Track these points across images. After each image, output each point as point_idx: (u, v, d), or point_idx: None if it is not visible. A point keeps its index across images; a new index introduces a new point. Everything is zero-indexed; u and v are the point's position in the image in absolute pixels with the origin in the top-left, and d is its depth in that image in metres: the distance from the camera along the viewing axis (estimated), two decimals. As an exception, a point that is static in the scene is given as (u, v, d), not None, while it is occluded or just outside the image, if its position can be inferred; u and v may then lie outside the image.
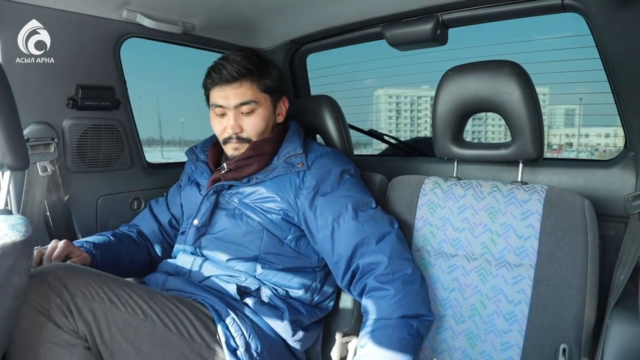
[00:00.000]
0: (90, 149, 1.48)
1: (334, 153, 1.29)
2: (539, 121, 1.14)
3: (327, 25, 1.63)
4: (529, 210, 1.13)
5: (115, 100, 1.49)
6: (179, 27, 1.49)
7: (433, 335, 1.17)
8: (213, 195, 1.27)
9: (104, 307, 0.97)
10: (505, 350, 1.08)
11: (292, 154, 1.24)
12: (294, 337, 1.20)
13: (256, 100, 1.25)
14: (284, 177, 1.22)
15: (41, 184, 1.36)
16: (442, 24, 1.41)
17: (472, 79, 1.17)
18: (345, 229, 1.16)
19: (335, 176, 1.22)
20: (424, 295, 1.13)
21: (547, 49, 3.02)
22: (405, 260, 1.13)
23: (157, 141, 8.57)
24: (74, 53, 1.38)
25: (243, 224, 1.22)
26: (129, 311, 0.99)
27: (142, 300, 1.02)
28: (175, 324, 1.04)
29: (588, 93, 8.91)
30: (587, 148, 12.84)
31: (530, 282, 1.08)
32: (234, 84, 1.24)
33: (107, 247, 1.29)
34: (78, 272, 0.99)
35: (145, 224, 1.45)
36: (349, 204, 1.18)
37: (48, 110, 1.37)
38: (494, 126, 9.97)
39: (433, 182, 1.28)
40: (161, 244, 1.44)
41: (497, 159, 1.22)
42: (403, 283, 1.09)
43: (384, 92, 13.23)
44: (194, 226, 1.27)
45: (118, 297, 0.99)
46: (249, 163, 1.26)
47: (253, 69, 1.25)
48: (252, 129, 1.26)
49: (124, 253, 1.34)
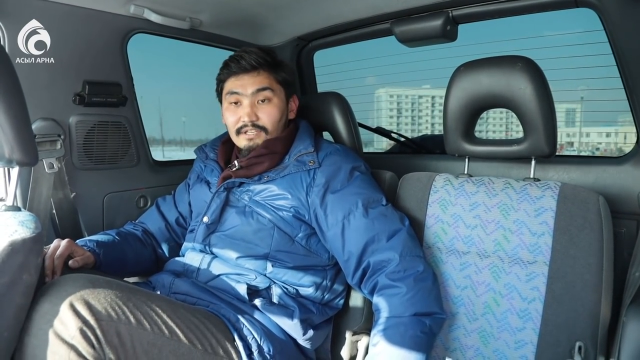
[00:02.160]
0: (97, 146, 1.47)
1: (344, 150, 1.28)
2: (552, 117, 1.13)
3: (335, 22, 1.62)
4: (543, 207, 1.11)
5: (122, 96, 1.48)
6: (187, 22, 1.48)
7: (445, 334, 1.16)
8: (223, 192, 1.26)
9: (130, 329, 0.89)
10: (519, 348, 1.07)
11: (303, 153, 1.24)
12: (304, 336, 1.19)
13: (272, 88, 1.27)
14: (295, 175, 1.21)
15: (47, 181, 1.34)
16: (452, 19, 1.41)
17: (484, 75, 1.16)
18: (356, 226, 1.15)
19: (345, 173, 1.21)
20: (436, 292, 1.11)
21: (543, 47, 3.00)
22: (416, 257, 1.12)
23: (158, 141, 8.55)
24: (80, 49, 1.36)
25: (254, 222, 1.21)
26: (154, 330, 0.93)
27: (167, 316, 0.96)
28: (200, 339, 1.00)
29: (589, 89, 8.87)
30: (587, 147, 12.83)
31: (545, 279, 1.07)
32: (252, 72, 1.26)
33: (111, 246, 1.27)
34: (101, 288, 0.89)
35: (152, 221, 1.44)
36: (359, 201, 1.17)
37: (54, 106, 1.36)
38: (494, 125, 9.96)
39: (444, 179, 1.27)
40: (168, 243, 1.42)
41: (509, 156, 1.21)
42: (415, 280, 1.08)
43: (385, 91, 13.22)
44: (204, 223, 1.26)
45: (143, 314, 0.92)
46: (260, 161, 1.25)
47: (270, 61, 1.28)
48: (268, 118, 1.26)
49: (129, 252, 1.32)
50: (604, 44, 1.25)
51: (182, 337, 0.97)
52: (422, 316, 1.05)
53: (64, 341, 0.82)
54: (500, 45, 1.83)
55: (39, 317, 0.84)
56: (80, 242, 1.23)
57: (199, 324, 1.02)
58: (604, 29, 1.21)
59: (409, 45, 1.54)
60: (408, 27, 1.46)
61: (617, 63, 1.22)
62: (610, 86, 1.24)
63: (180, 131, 23.76)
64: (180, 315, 0.99)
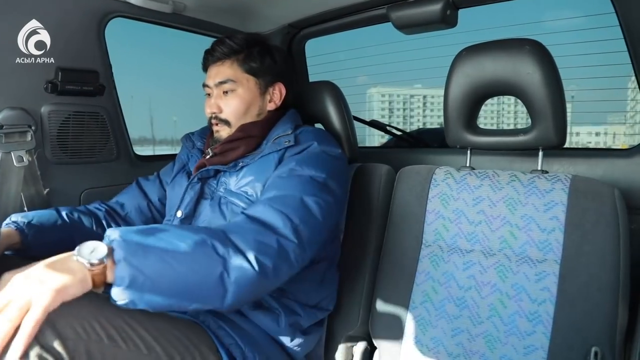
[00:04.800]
0: (72, 139, 1.36)
1: (323, 134, 1.19)
2: (562, 105, 1.05)
3: (328, 7, 1.53)
4: (553, 200, 1.03)
5: (99, 85, 1.37)
6: (169, 6, 1.38)
7: (448, 339, 1.08)
8: (197, 183, 1.17)
9: (102, 347, 0.75)
10: (529, 354, 0.99)
11: (281, 135, 1.15)
12: (292, 341, 1.10)
13: (235, 79, 1.18)
14: (269, 156, 1.11)
15: (17, 175, 1.24)
16: (452, 3, 1.33)
17: (489, 60, 1.08)
18: (270, 181, 1.05)
19: (310, 150, 1.10)
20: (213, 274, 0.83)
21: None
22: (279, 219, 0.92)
23: (149, 140, 8.44)
24: (53, 32, 1.26)
25: (229, 212, 1.11)
26: (130, 347, 0.80)
27: (144, 330, 0.84)
28: (181, 353, 0.89)
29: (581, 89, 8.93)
30: (577, 146, 12.96)
31: (556, 279, 0.99)
32: (217, 63, 1.20)
33: (51, 227, 1.12)
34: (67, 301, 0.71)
35: (131, 199, 1.31)
36: (294, 163, 1.05)
37: (24, 94, 1.25)
38: (485, 117, 9.92)
39: (445, 172, 1.19)
40: (147, 223, 1.29)
41: (515, 147, 1.13)
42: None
43: (377, 90, 13.20)
44: (178, 218, 1.16)
45: (117, 330, 0.79)
46: (235, 146, 1.16)
47: (239, 49, 1.19)
48: (229, 110, 1.18)
49: (79, 236, 1.09)
50: (595, 44, 1.19)
51: (161, 353, 0.85)
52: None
53: None
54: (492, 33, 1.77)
55: None
56: (14, 216, 1.09)
57: (180, 336, 0.91)
58: (615, 11, 1.14)
59: (406, 32, 1.45)
60: (405, 12, 1.38)
61: (628, 47, 1.15)
62: (598, 87, 1.18)
63: (171, 130, 23.37)
64: (159, 327, 0.87)
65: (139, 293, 0.73)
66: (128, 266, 0.72)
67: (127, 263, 0.73)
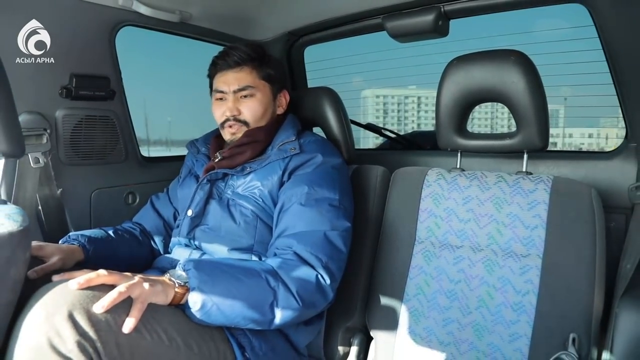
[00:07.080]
0: (84, 141, 1.43)
1: (325, 143, 1.28)
2: (544, 111, 1.13)
3: (326, 17, 1.60)
4: (536, 200, 1.12)
5: (110, 90, 1.45)
6: (176, 15, 1.46)
7: (439, 328, 1.16)
8: (207, 184, 1.25)
9: (130, 339, 0.83)
10: (514, 341, 1.07)
11: (285, 141, 1.23)
12: (295, 332, 1.18)
13: (254, 86, 1.26)
14: (275, 163, 1.21)
15: (33, 176, 1.31)
16: (444, 14, 1.40)
17: (477, 69, 1.16)
18: (293, 210, 1.13)
19: (315, 163, 1.19)
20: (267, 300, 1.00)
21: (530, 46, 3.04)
22: (310, 255, 1.07)
23: (144, 141, 8.44)
24: (68, 41, 1.33)
25: (237, 214, 1.20)
26: (154, 338, 0.88)
27: (167, 323, 0.92)
28: (198, 343, 0.97)
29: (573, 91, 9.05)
30: (570, 148, 13.07)
31: (538, 272, 1.08)
32: (235, 69, 1.26)
33: (104, 243, 1.24)
34: (101, 292, 0.82)
35: (148, 220, 1.41)
36: (306, 188, 1.14)
37: (40, 99, 1.32)
38: (479, 119, 10.02)
39: (437, 173, 1.27)
40: (164, 240, 1.39)
41: (502, 150, 1.21)
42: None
43: (371, 92, 13.26)
44: (188, 217, 1.24)
45: (143, 322, 0.86)
46: (242, 150, 1.24)
47: (255, 57, 1.27)
48: (249, 112, 1.26)
49: (123, 251, 1.28)
50: (588, 45, 1.26)
51: (181, 343, 0.93)
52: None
53: (59, 354, 0.75)
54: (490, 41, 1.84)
55: (32, 326, 0.77)
56: (73, 235, 1.20)
57: (197, 328, 0.98)
58: (594, 24, 1.22)
59: (401, 41, 1.53)
60: (399, 22, 1.46)
61: (607, 58, 1.23)
62: (590, 89, 1.26)
63: (165, 131, 23.52)
64: (179, 321, 0.95)
65: (207, 314, 0.93)
66: (200, 293, 0.92)
67: (199, 291, 0.92)
